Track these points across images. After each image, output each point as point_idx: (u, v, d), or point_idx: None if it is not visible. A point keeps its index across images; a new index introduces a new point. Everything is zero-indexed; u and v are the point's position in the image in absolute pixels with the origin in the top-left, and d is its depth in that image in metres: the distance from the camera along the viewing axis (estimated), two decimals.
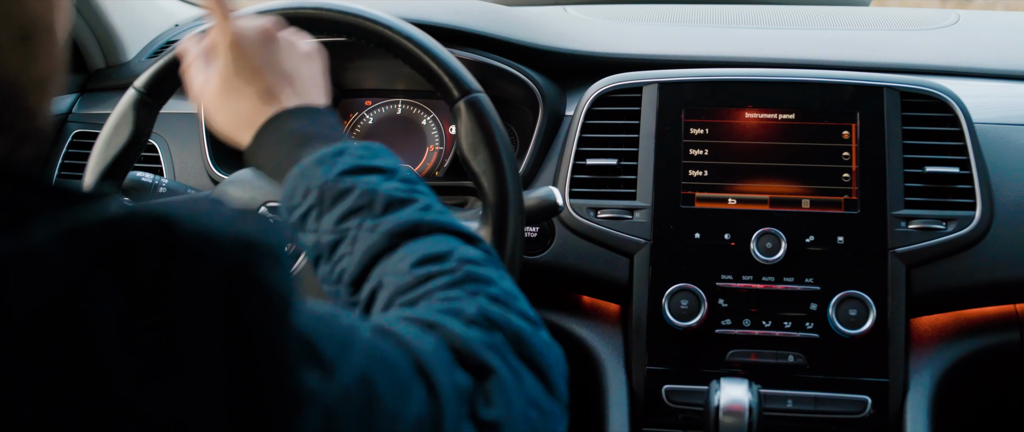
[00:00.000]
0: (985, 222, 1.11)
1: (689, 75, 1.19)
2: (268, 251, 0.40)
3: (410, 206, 0.68)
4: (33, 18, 0.44)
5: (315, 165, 0.71)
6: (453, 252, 0.64)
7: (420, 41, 0.96)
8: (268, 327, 0.38)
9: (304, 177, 0.71)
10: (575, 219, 1.16)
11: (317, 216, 0.70)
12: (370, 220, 0.67)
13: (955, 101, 1.15)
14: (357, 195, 0.68)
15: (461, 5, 1.38)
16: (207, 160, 1.27)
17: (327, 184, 0.69)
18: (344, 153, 0.71)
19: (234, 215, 0.40)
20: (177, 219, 0.37)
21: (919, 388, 1.12)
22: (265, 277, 0.39)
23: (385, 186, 0.69)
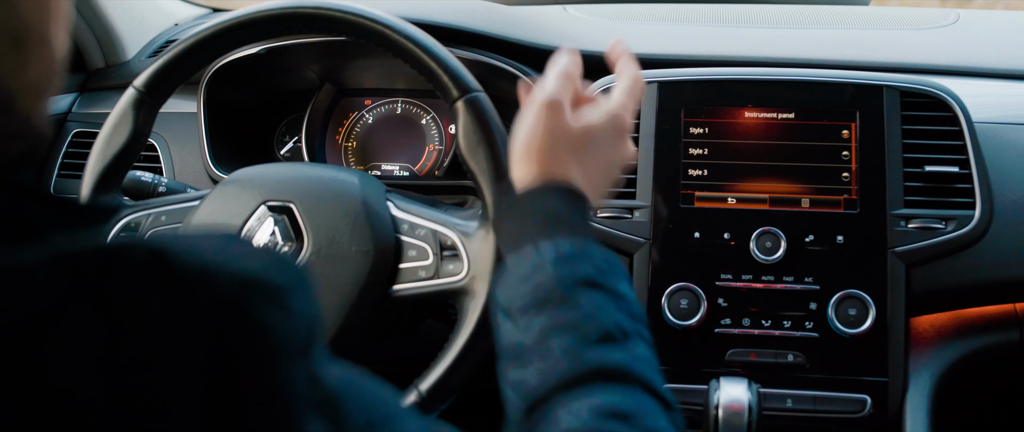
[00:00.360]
0: (985, 221, 1.11)
1: (688, 74, 1.19)
2: (271, 291, 0.37)
3: (624, 347, 0.63)
4: (26, 24, 0.43)
5: (552, 261, 0.66)
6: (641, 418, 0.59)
7: (420, 40, 0.96)
8: (261, 370, 0.36)
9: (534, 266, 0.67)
10: None
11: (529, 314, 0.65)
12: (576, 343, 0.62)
13: (955, 100, 1.15)
14: (577, 313, 0.64)
15: (460, 4, 1.37)
16: (207, 159, 1.28)
17: (554, 287, 0.65)
18: (585, 259, 0.67)
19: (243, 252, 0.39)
20: (175, 252, 0.36)
21: (919, 387, 1.12)
22: (263, 318, 0.36)
23: (608, 315, 0.64)
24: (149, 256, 0.35)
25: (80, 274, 0.34)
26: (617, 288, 0.67)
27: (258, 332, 0.36)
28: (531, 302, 0.65)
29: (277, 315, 0.37)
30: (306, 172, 1.03)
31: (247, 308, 0.36)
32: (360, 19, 0.96)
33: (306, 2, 0.97)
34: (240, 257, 0.38)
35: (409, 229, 0.98)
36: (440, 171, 1.36)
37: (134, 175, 1.13)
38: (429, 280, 0.97)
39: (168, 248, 0.36)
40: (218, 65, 1.30)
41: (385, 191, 1.02)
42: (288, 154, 1.41)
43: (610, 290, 0.66)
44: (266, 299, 0.37)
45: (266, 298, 0.37)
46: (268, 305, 0.37)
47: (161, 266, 0.35)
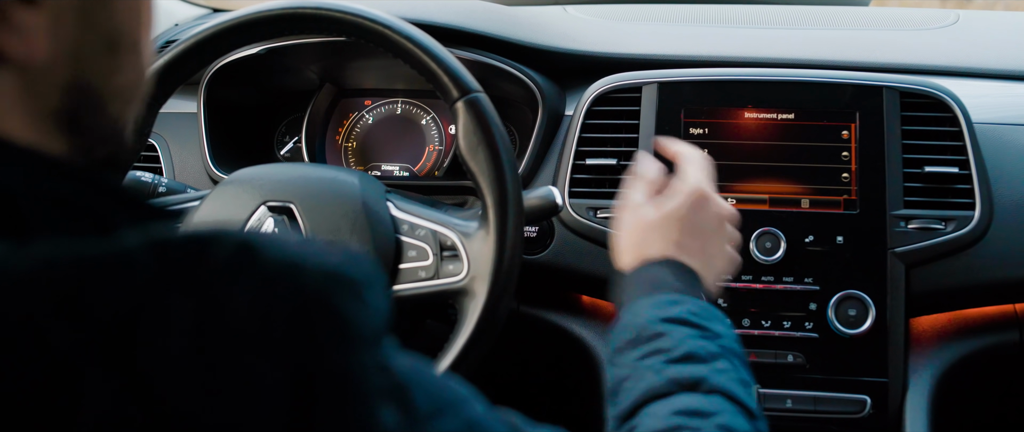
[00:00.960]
0: (984, 222, 1.11)
1: (688, 75, 1.19)
2: (351, 284, 0.39)
3: (706, 364, 0.67)
4: (120, 30, 0.46)
5: (648, 306, 0.73)
6: (718, 415, 0.63)
7: (420, 41, 0.96)
8: (340, 358, 0.38)
9: (633, 313, 0.73)
10: (574, 219, 1.16)
11: (626, 352, 0.70)
12: (662, 363, 0.67)
13: (954, 101, 1.15)
14: (664, 340, 0.69)
15: (460, 5, 1.38)
16: (207, 160, 1.28)
17: (647, 325, 0.71)
18: (680, 303, 0.73)
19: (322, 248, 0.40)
20: (261, 244, 0.38)
21: (918, 388, 1.12)
22: (344, 309, 0.38)
23: (695, 341, 0.69)
24: (237, 246, 0.37)
25: (174, 260, 0.36)
26: (710, 326, 0.72)
27: (340, 322, 0.38)
28: (628, 342, 0.71)
29: (356, 307, 0.39)
30: (306, 172, 1.03)
31: (329, 299, 0.38)
32: (360, 19, 0.96)
33: (306, 3, 0.97)
34: (320, 253, 0.40)
35: (409, 229, 0.98)
36: (440, 171, 1.36)
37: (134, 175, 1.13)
38: (429, 280, 0.97)
39: (255, 240, 0.38)
40: (218, 65, 1.30)
41: (385, 191, 1.02)
42: (288, 154, 1.41)
43: (702, 327, 0.71)
44: (346, 291, 0.39)
45: (346, 290, 0.39)
46: (348, 297, 0.39)
47: (249, 256, 0.37)
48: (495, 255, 0.93)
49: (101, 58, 0.45)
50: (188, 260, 0.36)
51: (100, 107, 0.46)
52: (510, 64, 1.27)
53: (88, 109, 0.45)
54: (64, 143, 0.45)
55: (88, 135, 0.46)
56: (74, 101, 0.44)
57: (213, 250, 0.37)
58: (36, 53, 0.42)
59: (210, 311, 0.35)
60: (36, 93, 0.43)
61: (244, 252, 0.37)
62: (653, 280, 0.77)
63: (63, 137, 0.45)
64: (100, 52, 0.45)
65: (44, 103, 0.43)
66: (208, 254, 0.37)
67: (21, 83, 0.42)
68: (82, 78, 0.44)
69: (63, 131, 0.44)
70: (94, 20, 0.44)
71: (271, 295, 0.37)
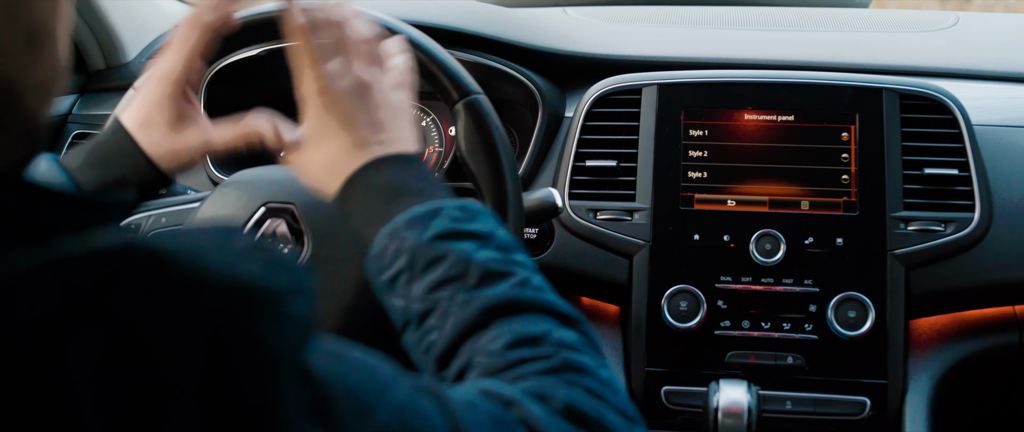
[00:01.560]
0: (984, 224, 1.11)
1: (688, 77, 1.19)
2: (269, 298, 0.37)
3: (506, 280, 0.64)
4: (38, 22, 0.43)
5: (407, 226, 0.67)
6: (549, 335, 0.61)
7: (420, 42, 0.96)
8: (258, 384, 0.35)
9: (395, 238, 0.67)
10: (574, 220, 1.16)
11: (407, 281, 0.66)
12: (462, 293, 0.63)
13: (954, 103, 1.16)
14: (450, 264, 0.64)
15: (460, 6, 1.38)
16: (207, 161, 1.28)
17: (419, 248, 0.66)
18: (438, 214, 0.67)
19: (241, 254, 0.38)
20: (173, 257, 0.35)
21: (918, 389, 1.12)
22: (260, 328, 0.36)
23: (480, 254, 0.65)
24: (147, 262, 0.35)
25: (75, 283, 0.33)
26: (476, 229, 0.67)
27: (256, 343, 0.36)
28: (404, 269, 0.66)
29: (274, 324, 0.37)
30: None
31: (245, 318, 0.36)
32: None
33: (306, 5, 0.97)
34: (239, 259, 0.37)
35: None
36: (440, 173, 1.36)
37: None
38: None
39: (166, 253, 0.35)
40: (219, 67, 1.30)
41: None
42: None
43: (471, 233, 0.66)
44: (264, 308, 0.37)
45: (264, 307, 0.37)
46: (266, 314, 0.36)
47: (159, 274, 0.35)
48: None
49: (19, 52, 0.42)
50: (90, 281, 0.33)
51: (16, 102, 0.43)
52: (510, 66, 1.27)
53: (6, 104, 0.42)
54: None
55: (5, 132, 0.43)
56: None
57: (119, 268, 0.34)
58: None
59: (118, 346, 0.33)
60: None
61: (153, 270, 0.35)
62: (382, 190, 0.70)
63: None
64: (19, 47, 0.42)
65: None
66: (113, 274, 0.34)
67: None
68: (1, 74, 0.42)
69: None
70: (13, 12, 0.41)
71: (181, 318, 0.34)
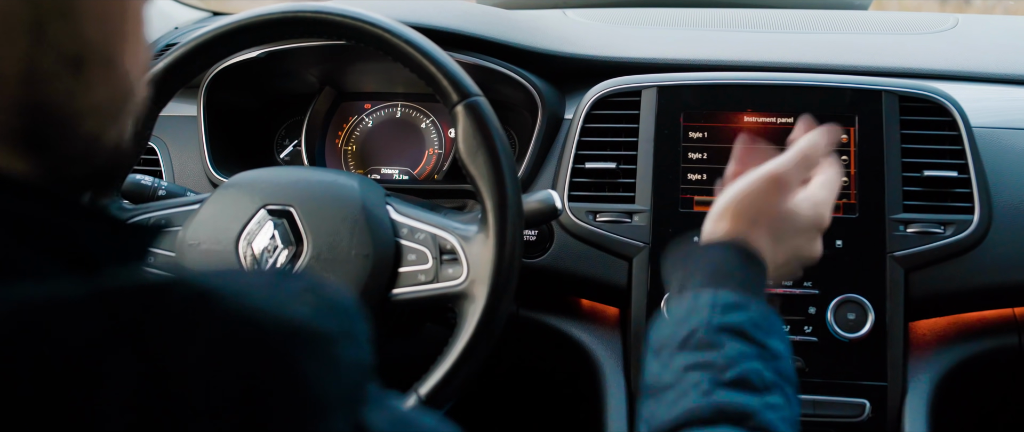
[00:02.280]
0: (983, 226, 1.11)
1: (688, 79, 1.19)
2: (318, 340, 0.36)
3: (758, 394, 0.63)
4: (88, 46, 0.42)
5: (708, 305, 0.67)
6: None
7: (419, 45, 0.96)
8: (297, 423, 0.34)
9: (690, 310, 0.68)
10: (574, 223, 1.16)
11: (673, 351, 0.66)
12: (710, 383, 0.62)
13: (953, 105, 1.16)
14: (719, 354, 0.64)
15: (460, 9, 1.38)
16: (207, 163, 1.28)
17: (703, 327, 0.66)
18: (742, 309, 0.67)
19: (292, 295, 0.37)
20: (219, 294, 0.35)
21: (917, 392, 1.12)
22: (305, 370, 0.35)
23: (751, 364, 0.64)
24: (192, 297, 0.34)
25: (120, 313, 0.33)
26: (768, 343, 0.67)
27: (300, 385, 0.34)
28: (678, 342, 0.66)
29: (321, 367, 0.35)
30: (306, 176, 1.03)
31: (289, 359, 0.35)
32: (360, 23, 0.96)
33: (306, 6, 0.97)
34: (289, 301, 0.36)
35: (408, 233, 0.98)
36: (440, 175, 1.36)
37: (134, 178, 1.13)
38: (428, 284, 0.97)
39: (213, 288, 0.35)
40: (218, 69, 1.30)
41: (385, 195, 1.02)
42: (288, 158, 1.41)
43: (759, 343, 0.66)
44: (311, 350, 0.35)
45: (311, 348, 0.35)
46: (313, 357, 0.35)
47: (203, 308, 0.34)
48: (494, 259, 0.93)
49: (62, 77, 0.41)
50: (136, 314, 0.33)
51: (68, 128, 0.42)
52: (510, 68, 1.27)
53: (52, 130, 0.42)
54: (27, 163, 0.41)
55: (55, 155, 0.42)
56: (32, 122, 0.41)
57: (166, 301, 0.34)
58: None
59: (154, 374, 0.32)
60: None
61: (199, 303, 0.34)
62: (721, 266, 0.70)
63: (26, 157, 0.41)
64: (59, 71, 0.41)
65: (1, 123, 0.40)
66: (160, 307, 0.34)
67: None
68: (37, 99, 0.41)
69: (25, 151, 0.41)
70: (50, 37, 0.40)
71: (223, 355, 0.33)
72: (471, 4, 1.44)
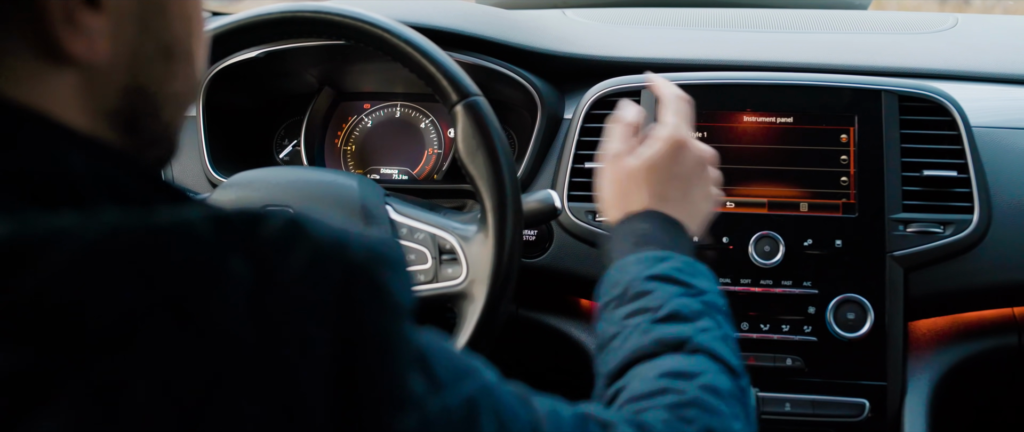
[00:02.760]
0: (983, 225, 1.11)
1: (687, 78, 1.19)
2: (390, 261, 0.43)
3: (690, 323, 0.69)
4: (176, 38, 0.50)
5: (635, 262, 0.75)
6: (700, 374, 0.65)
7: (419, 44, 0.96)
8: (380, 324, 0.41)
9: (622, 270, 0.75)
10: (573, 222, 1.16)
11: (613, 308, 0.73)
12: (647, 324, 0.69)
13: (953, 104, 1.16)
14: (650, 298, 0.71)
15: (460, 9, 1.38)
16: (206, 163, 1.28)
17: (634, 282, 0.73)
18: (666, 261, 0.74)
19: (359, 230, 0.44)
20: (308, 221, 0.41)
21: (917, 391, 1.12)
22: (384, 281, 0.42)
23: (679, 299, 0.71)
24: (287, 222, 0.41)
25: (232, 230, 0.39)
26: (694, 282, 0.73)
27: (381, 293, 0.41)
28: (617, 298, 0.73)
29: (395, 280, 0.42)
30: (305, 176, 1.03)
31: (372, 272, 0.41)
32: (359, 23, 0.96)
33: (305, 6, 0.97)
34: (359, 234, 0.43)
35: (408, 233, 0.98)
36: (439, 175, 1.36)
37: None
38: (428, 284, 0.97)
39: (302, 219, 0.41)
40: (217, 69, 1.30)
41: (384, 195, 1.02)
42: (287, 158, 1.41)
43: (685, 283, 0.73)
44: (386, 266, 0.42)
45: (386, 266, 0.42)
46: (388, 271, 0.42)
47: (298, 231, 0.40)
48: (494, 259, 0.93)
49: (157, 64, 0.48)
50: (245, 230, 0.40)
51: (155, 111, 0.49)
52: (509, 68, 1.27)
53: (144, 112, 0.49)
54: (119, 142, 0.48)
55: (142, 137, 0.49)
56: (131, 103, 0.47)
57: (266, 223, 0.40)
58: (98, 54, 0.44)
59: (266, 275, 0.38)
60: (96, 93, 0.46)
61: (294, 227, 0.40)
62: (638, 234, 0.79)
63: (119, 137, 0.47)
64: (156, 58, 0.48)
65: (103, 103, 0.46)
66: (262, 226, 0.40)
67: (83, 82, 0.45)
68: (139, 82, 0.48)
69: (119, 131, 0.47)
70: (151, 28, 0.47)
71: (321, 265, 0.40)
72: (470, 4, 1.44)
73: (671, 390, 0.63)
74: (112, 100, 0.47)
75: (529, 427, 0.50)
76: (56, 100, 0.44)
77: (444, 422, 0.44)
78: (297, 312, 0.39)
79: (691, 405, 0.62)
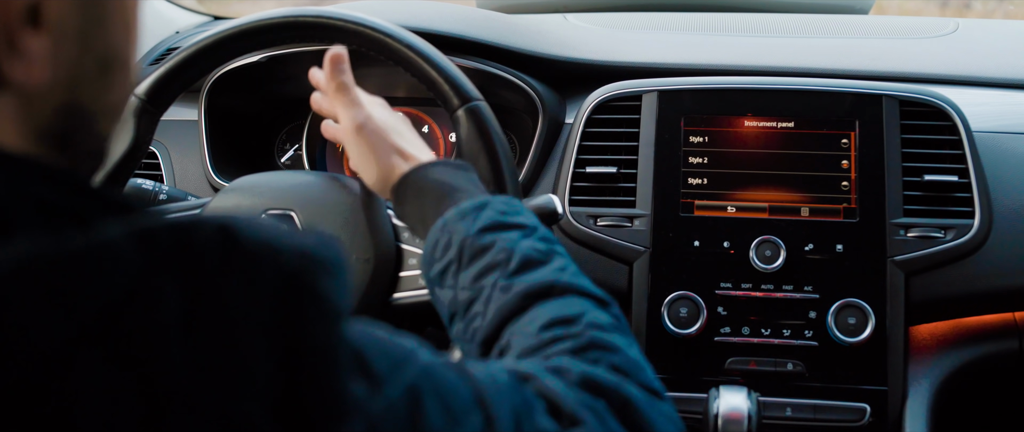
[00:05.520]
0: (983, 230, 1.11)
1: (689, 83, 1.20)
2: (325, 264, 0.41)
3: (545, 266, 0.68)
4: (115, 49, 0.47)
5: (457, 219, 0.73)
6: (582, 315, 0.64)
7: (420, 49, 0.96)
8: (319, 334, 0.39)
9: (445, 231, 0.73)
10: (575, 227, 1.16)
11: (455, 272, 0.71)
12: (504, 279, 0.68)
13: (954, 109, 1.16)
14: (495, 252, 0.69)
15: (461, 13, 1.38)
16: (208, 167, 1.28)
17: (467, 240, 0.71)
18: (486, 207, 0.73)
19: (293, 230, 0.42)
20: (239, 228, 0.39)
21: (918, 396, 1.12)
22: (320, 287, 0.40)
23: (523, 244, 0.70)
24: (217, 231, 0.38)
25: (157, 247, 0.37)
26: (521, 221, 0.72)
27: (318, 299, 0.40)
28: (453, 260, 0.71)
29: (331, 284, 0.41)
30: (307, 180, 1.03)
31: (307, 278, 0.40)
32: (361, 28, 0.96)
33: (307, 11, 0.98)
34: (294, 235, 0.41)
35: (410, 237, 0.98)
36: None
37: (135, 183, 1.13)
38: None
39: (233, 224, 0.39)
40: (219, 73, 1.30)
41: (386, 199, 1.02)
42: (289, 162, 1.41)
43: (515, 224, 0.72)
44: (322, 270, 0.41)
45: (322, 270, 0.41)
46: (324, 276, 0.41)
47: (229, 240, 0.38)
48: None
49: (94, 79, 0.46)
50: (171, 246, 0.37)
51: (89, 125, 0.47)
52: (511, 72, 1.28)
53: (78, 128, 0.46)
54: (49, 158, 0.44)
55: (75, 152, 0.46)
56: (65, 121, 0.45)
57: (194, 236, 0.38)
58: (37, 78, 0.42)
59: (198, 294, 0.36)
60: (29, 115, 0.43)
61: (225, 236, 0.38)
62: (435, 190, 0.77)
63: (52, 154, 0.45)
64: (94, 73, 0.46)
65: (36, 123, 0.43)
66: (190, 240, 0.38)
67: (16, 106, 0.42)
68: (75, 99, 0.45)
69: (52, 148, 0.45)
70: (91, 42, 0.45)
71: (254, 276, 0.38)
72: (472, 8, 1.44)
73: (562, 339, 0.62)
74: (46, 120, 0.44)
75: (472, 399, 0.49)
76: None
77: (390, 418, 0.43)
78: (233, 330, 0.37)
79: (589, 347, 0.61)
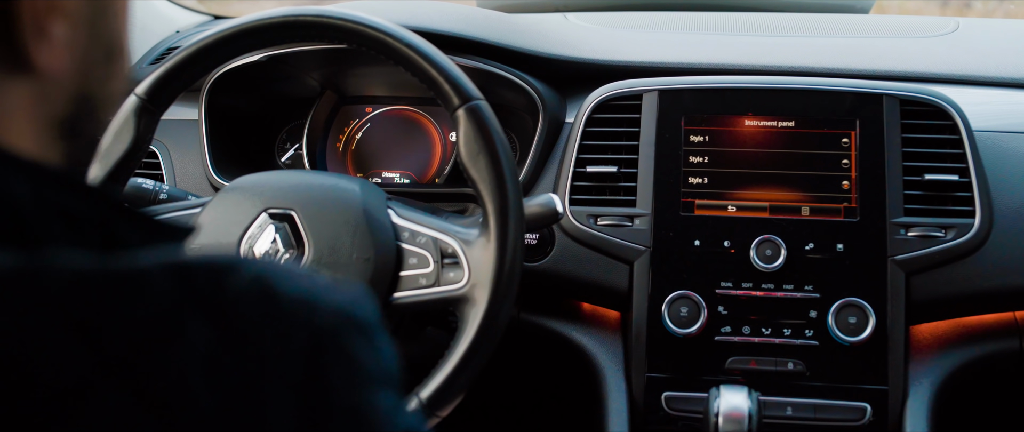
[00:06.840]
0: (984, 230, 1.11)
1: (689, 83, 1.20)
2: (360, 324, 0.40)
3: None
4: (117, 37, 0.47)
5: None
6: None
7: (421, 48, 0.96)
8: (346, 396, 0.38)
9: None
10: (575, 226, 1.16)
11: None
12: None
13: (954, 109, 1.16)
14: None
15: (462, 12, 1.38)
16: (208, 167, 1.28)
17: None
18: None
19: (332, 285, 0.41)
20: (276, 276, 0.38)
21: (918, 395, 1.12)
22: (353, 349, 0.39)
23: None
24: (254, 277, 0.38)
25: (193, 285, 0.36)
26: None
27: (350, 361, 0.39)
28: None
29: (365, 347, 0.40)
30: (307, 180, 1.03)
31: (341, 339, 0.39)
32: (361, 27, 0.96)
33: (307, 10, 0.98)
34: (331, 290, 0.40)
35: (410, 237, 0.98)
36: (441, 179, 1.36)
37: (135, 182, 1.13)
38: (430, 288, 0.97)
39: (270, 272, 0.38)
40: (219, 72, 1.30)
41: (386, 199, 1.02)
42: (289, 161, 1.41)
43: None
44: (356, 332, 0.40)
45: (356, 331, 0.40)
46: (358, 338, 0.40)
47: (266, 289, 0.38)
48: (496, 262, 0.93)
49: (101, 66, 0.46)
50: (207, 286, 0.36)
51: (95, 114, 0.47)
52: (511, 71, 1.28)
53: (86, 116, 0.46)
54: (60, 151, 0.45)
55: (81, 142, 0.47)
56: (76, 109, 0.45)
57: (231, 278, 0.37)
58: (58, 64, 0.42)
59: (227, 338, 0.36)
60: (47, 103, 0.43)
61: (261, 284, 0.38)
62: None
63: (61, 145, 0.45)
64: (101, 61, 0.46)
65: (51, 111, 0.44)
66: (226, 282, 0.37)
67: (36, 92, 0.42)
68: (86, 87, 0.45)
69: (62, 139, 0.45)
70: (99, 30, 0.45)
71: (288, 331, 0.37)
72: (472, 8, 1.44)
73: None
74: (60, 108, 0.44)
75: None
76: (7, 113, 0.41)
77: None
78: (259, 382, 0.36)
79: None
